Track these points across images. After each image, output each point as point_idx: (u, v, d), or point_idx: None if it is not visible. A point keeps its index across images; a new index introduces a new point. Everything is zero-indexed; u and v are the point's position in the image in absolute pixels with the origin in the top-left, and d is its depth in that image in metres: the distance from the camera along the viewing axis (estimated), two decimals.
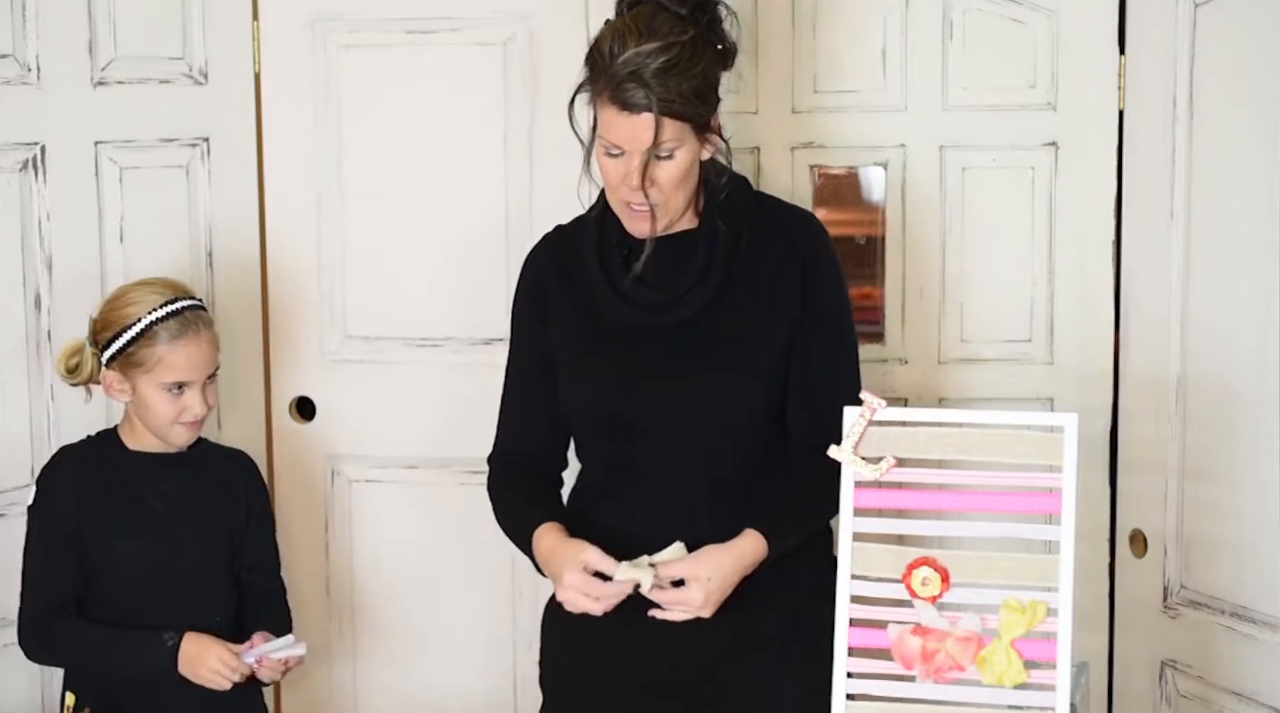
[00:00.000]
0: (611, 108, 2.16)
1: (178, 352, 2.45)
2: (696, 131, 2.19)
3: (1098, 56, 2.66)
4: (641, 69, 2.13)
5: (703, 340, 2.25)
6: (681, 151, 2.18)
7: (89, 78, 2.75)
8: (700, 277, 2.25)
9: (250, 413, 2.97)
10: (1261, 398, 2.41)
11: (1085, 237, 2.70)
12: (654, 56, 2.13)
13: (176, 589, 2.50)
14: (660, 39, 2.14)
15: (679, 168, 2.19)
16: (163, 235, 2.85)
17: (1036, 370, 2.74)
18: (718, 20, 2.25)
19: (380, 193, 2.92)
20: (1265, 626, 2.43)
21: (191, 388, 2.48)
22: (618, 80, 2.14)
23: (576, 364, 2.31)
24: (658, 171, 2.18)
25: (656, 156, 2.17)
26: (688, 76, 2.15)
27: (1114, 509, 2.70)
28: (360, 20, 2.88)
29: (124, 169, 2.79)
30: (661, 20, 2.17)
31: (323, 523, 3.00)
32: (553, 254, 2.37)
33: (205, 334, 2.50)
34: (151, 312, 2.45)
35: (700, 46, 2.18)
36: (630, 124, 2.15)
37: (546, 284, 2.35)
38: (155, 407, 2.48)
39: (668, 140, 2.16)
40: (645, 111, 2.14)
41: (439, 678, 2.99)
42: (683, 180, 2.21)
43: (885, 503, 2.02)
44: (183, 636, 2.43)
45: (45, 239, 2.71)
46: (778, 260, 2.28)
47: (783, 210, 2.36)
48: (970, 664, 1.96)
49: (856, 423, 1.99)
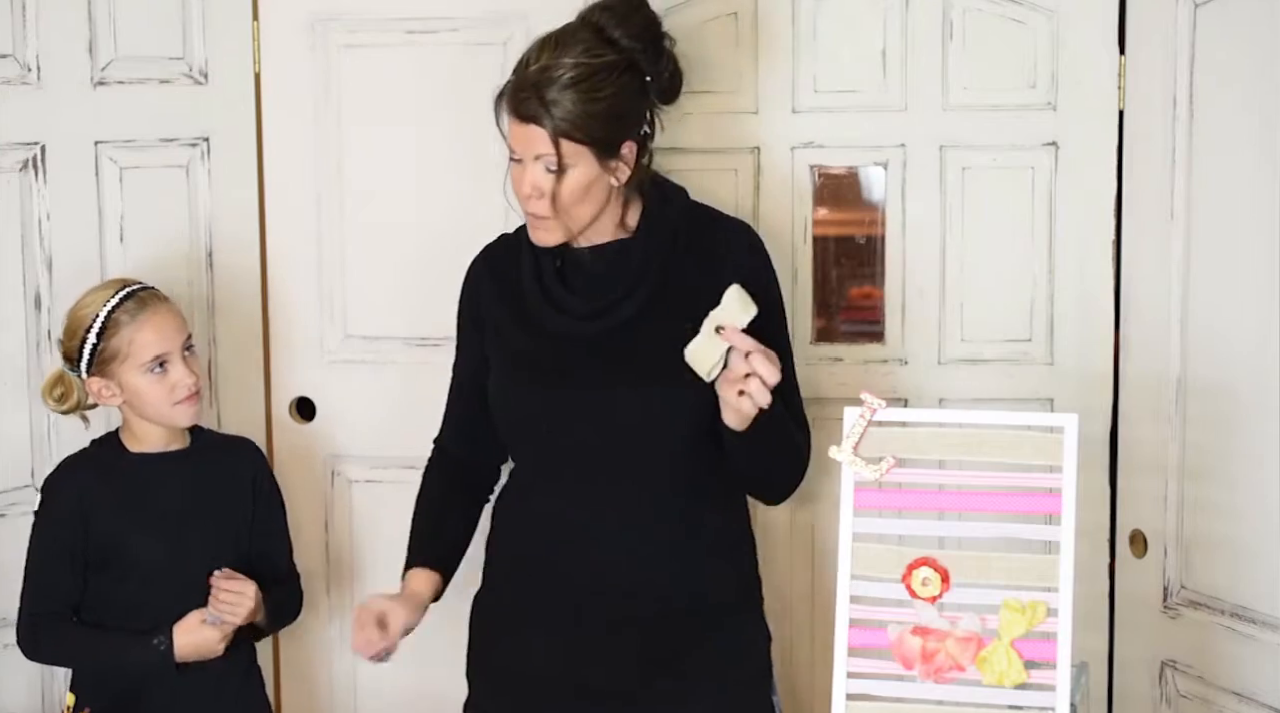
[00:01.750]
0: (510, 113, 2.20)
1: (145, 328, 2.47)
2: (597, 155, 2.19)
3: (1098, 56, 2.66)
4: (542, 82, 2.15)
5: (631, 349, 2.25)
6: (574, 171, 2.18)
7: (89, 78, 2.75)
8: (630, 287, 2.26)
9: (250, 413, 2.97)
10: (1261, 398, 2.41)
11: (1085, 237, 2.70)
12: (558, 72, 2.15)
13: (190, 586, 2.50)
14: (572, 56, 2.16)
15: (572, 184, 2.19)
16: (163, 235, 2.85)
17: (1036, 370, 2.74)
18: (660, 54, 2.26)
19: (380, 193, 2.92)
20: (1265, 626, 2.43)
21: (172, 361, 2.48)
22: (519, 88, 2.18)
23: (504, 368, 2.35)
24: (546, 184, 2.19)
25: (548, 169, 2.18)
26: (590, 99, 2.15)
27: (1114, 509, 2.70)
28: (360, 20, 2.88)
29: (124, 169, 2.79)
30: (583, 38, 2.19)
31: (323, 523, 3.00)
32: (490, 264, 2.41)
33: (165, 306, 2.51)
34: (105, 304, 2.47)
35: (616, 72, 2.18)
36: (522, 132, 2.18)
37: (480, 292, 2.40)
38: (147, 393, 2.48)
39: (558, 156, 2.16)
40: (533, 124, 2.16)
41: (439, 678, 2.98)
42: (579, 198, 2.21)
43: (885, 503, 2.02)
44: (171, 635, 2.44)
45: (45, 239, 2.71)
46: (709, 269, 2.28)
47: (721, 222, 2.38)
48: (970, 664, 1.96)
49: (856, 423, 1.99)
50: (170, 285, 2.85)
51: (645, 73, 2.23)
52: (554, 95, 2.15)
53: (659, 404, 2.24)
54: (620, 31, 2.21)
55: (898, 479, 1.99)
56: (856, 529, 1.99)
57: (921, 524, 2.04)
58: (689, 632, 2.29)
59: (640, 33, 2.23)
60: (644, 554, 2.27)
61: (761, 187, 2.79)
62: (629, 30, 2.21)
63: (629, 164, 2.24)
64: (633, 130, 2.23)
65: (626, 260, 2.28)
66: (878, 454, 1.99)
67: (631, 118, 2.23)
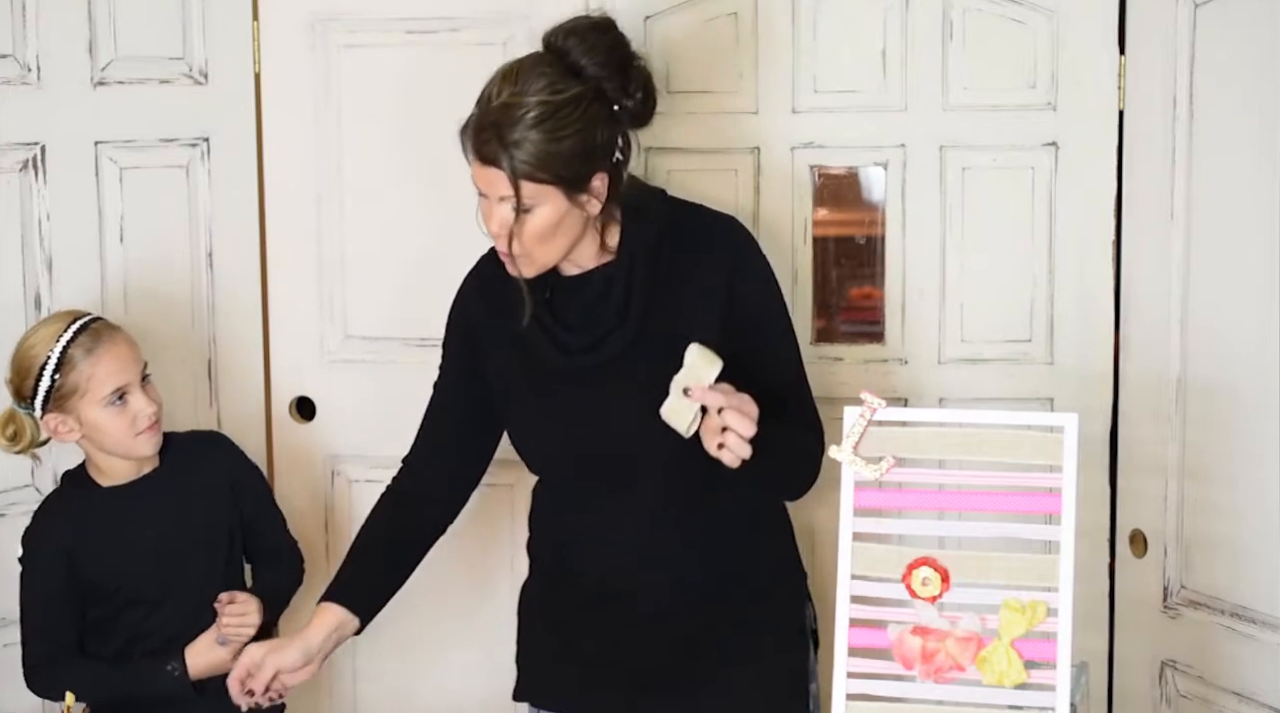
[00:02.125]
0: (472, 153, 2.11)
1: (102, 362, 2.41)
2: (565, 192, 2.10)
3: (1098, 56, 2.66)
4: (503, 122, 2.06)
5: (635, 367, 2.20)
6: (542, 210, 2.10)
7: (89, 78, 2.75)
8: (621, 316, 2.20)
9: (250, 413, 2.97)
10: (1261, 398, 2.41)
11: (1085, 237, 2.70)
12: (520, 111, 2.05)
13: (191, 605, 2.49)
14: (533, 94, 2.06)
15: (537, 225, 2.11)
16: (163, 235, 2.85)
17: (1036, 370, 2.74)
18: (629, 78, 2.14)
19: (380, 193, 2.92)
20: (1265, 626, 2.43)
21: (132, 391, 2.44)
22: (480, 128, 2.09)
23: (515, 400, 2.31)
24: (517, 224, 2.11)
25: (514, 208, 2.09)
26: (553, 138, 2.05)
27: (1114, 509, 2.70)
28: (360, 20, 2.88)
29: (124, 169, 2.79)
30: (545, 72, 2.08)
31: (323, 523, 3.00)
32: (482, 282, 2.34)
33: (119, 336, 2.45)
34: (57, 340, 2.40)
35: (582, 105, 2.08)
36: (485, 174, 2.10)
37: (472, 313, 2.35)
38: (107, 427, 2.43)
39: (525, 197, 2.08)
40: (494, 166, 2.08)
41: (439, 678, 2.99)
42: (548, 236, 2.13)
43: (885, 503, 2.02)
44: (184, 659, 2.44)
45: (45, 239, 2.71)
46: (702, 276, 2.22)
47: (704, 220, 2.29)
48: (970, 664, 1.96)
49: (856, 423, 1.99)
50: (170, 285, 2.86)
51: (614, 101, 2.13)
52: (516, 136, 2.06)
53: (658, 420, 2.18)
54: (587, 59, 2.10)
55: (898, 479, 1.99)
56: (856, 529, 1.99)
57: (921, 524, 2.04)
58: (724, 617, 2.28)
59: (607, 59, 2.12)
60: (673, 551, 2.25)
61: (761, 187, 2.79)
62: (595, 57, 2.11)
63: (600, 196, 2.15)
64: (602, 162, 2.13)
65: (612, 287, 2.22)
66: (878, 454, 1.99)
67: (600, 151, 2.12)
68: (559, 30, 2.14)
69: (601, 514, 2.27)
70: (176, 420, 2.86)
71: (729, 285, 2.23)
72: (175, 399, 2.87)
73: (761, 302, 2.27)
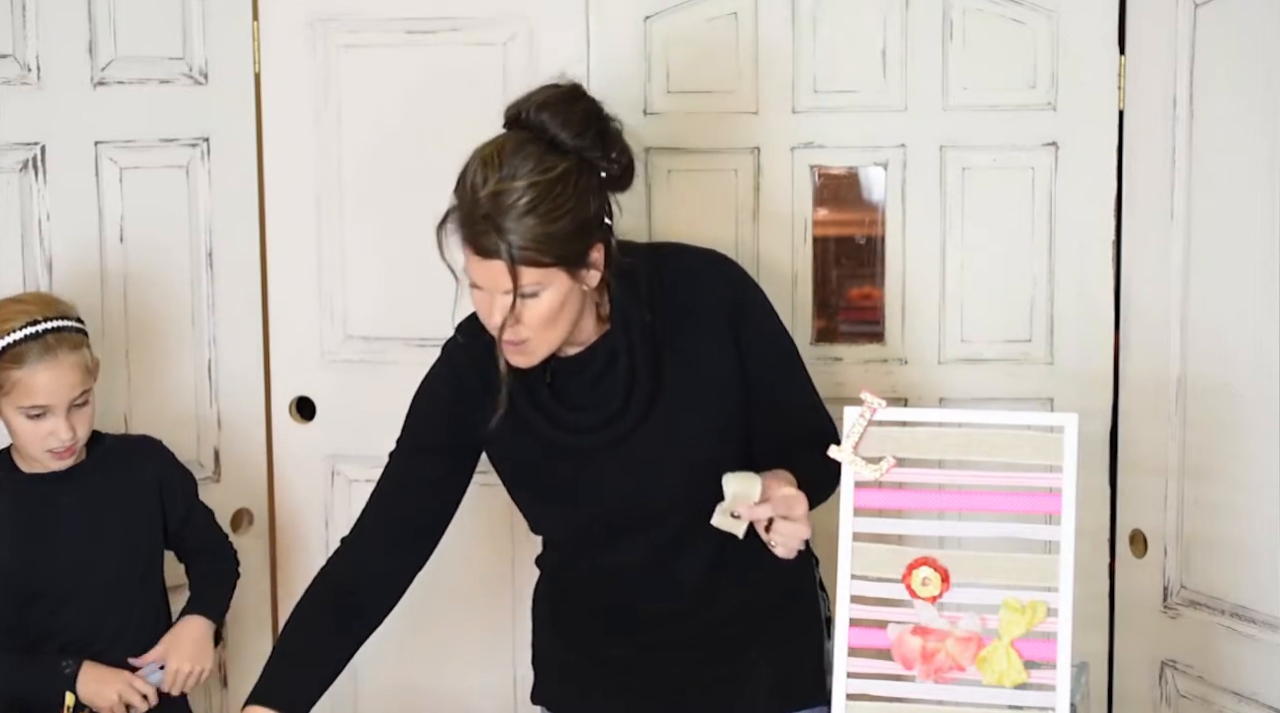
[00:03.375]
0: (465, 245, 2.00)
1: (37, 376, 2.34)
2: (567, 271, 2.02)
3: (1098, 56, 2.67)
4: (495, 212, 1.96)
5: (648, 446, 2.13)
6: (548, 292, 2.01)
7: (89, 78, 2.74)
8: (627, 393, 2.12)
9: (250, 413, 2.97)
10: (1261, 398, 2.41)
11: (1085, 237, 2.70)
12: (512, 197, 1.96)
13: (96, 603, 2.45)
14: (523, 177, 1.97)
15: (545, 309, 2.02)
16: (163, 235, 2.85)
17: (1036, 370, 2.74)
18: (610, 143, 2.05)
19: (380, 193, 2.92)
20: (1265, 626, 2.43)
21: (53, 414, 2.36)
22: (473, 221, 1.98)
23: (523, 484, 2.23)
24: (523, 310, 2.01)
25: (521, 295, 1.99)
26: (550, 219, 1.97)
27: (1114, 509, 2.70)
28: (360, 20, 2.88)
29: (124, 169, 2.79)
30: (529, 152, 1.99)
31: (323, 523, 3.00)
32: (474, 365, 2.18)
33: (69, 358, 2.37)
34: (12, 333, 2.34)
35: (573, 179, 2.00)
36: (485, 268, 1.99)
37: (469, 387, 2.19)
38: (18, 432, 2.39)
39: (528, 284, 1.99)
40: (494, 258, 1.97)
41: (439, 679, 2.99)
42: (552, 320, 2.04)
43: (885, 503, 2.02)
44: (80, 664, 2.40)
45: (45, 239, 2.71)
46: (703, 326, 2.15)
47: (691, 265, 2.20)
48: (970, 664, 1.96)
49: (856, 423, 1.99)
50: (170, 285, 2.86)
51: (599, 168, 2.05)
52: (512, 224, 1.96)
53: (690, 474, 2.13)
54: (565, 132, 2.01)
55: (898, 479, 1.99)
56: (856, 529, 1.99)
57: (921, 524, 2.04)
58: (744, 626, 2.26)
59: (584, 127, 2.03)
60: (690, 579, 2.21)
61: (761, 187, 2.79)
62: (573, 129, 2.02)
63: (599, 266, 2.07)
64: (598, 232, 2.05)
65: (613, 361, 2.13)
66: (878, 454, 1.99)
67: (594, 221, 2.04)
68: (529, 105, 2.05)
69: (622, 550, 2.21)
70: (176, 420, 2.87)
71: (731, 325, 2.17)
72: (175, 399, 2.88)
73: (767, 337, 2.22)
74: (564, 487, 2.18)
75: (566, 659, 2.34)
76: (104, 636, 2.47)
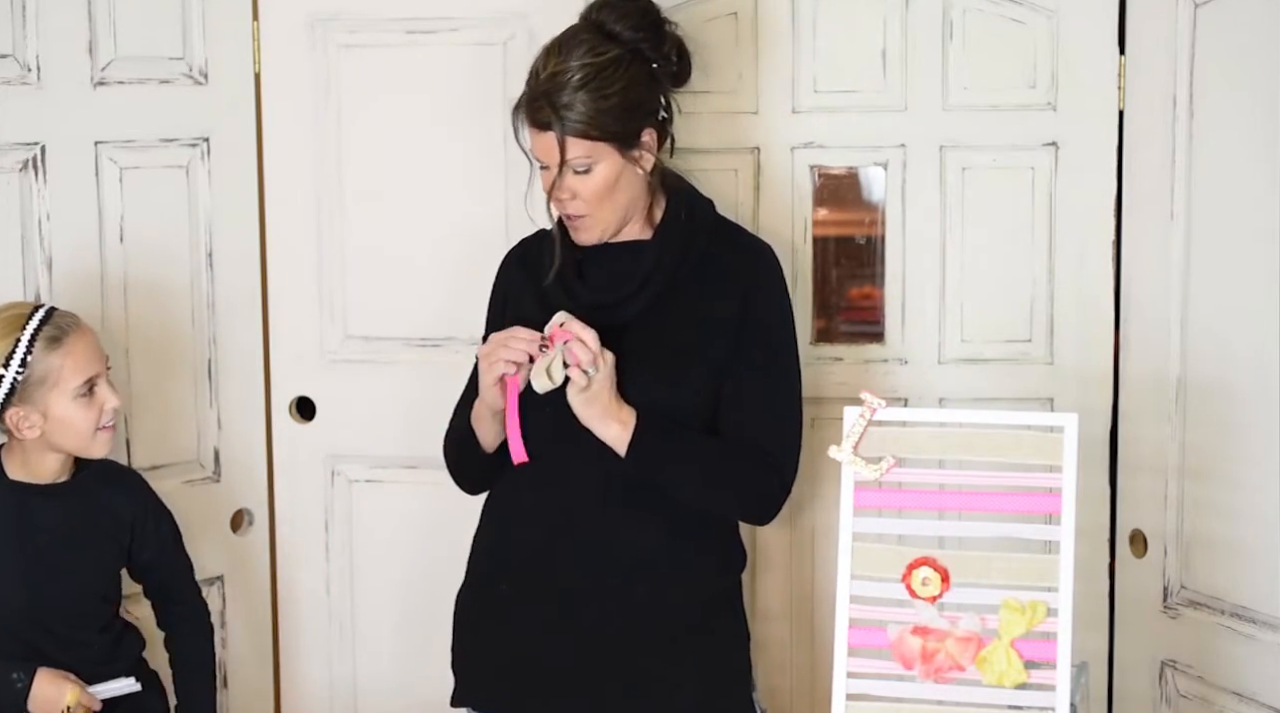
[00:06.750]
0: (529, 124, 2.26)
1: (72, 352, 2.35)
2: (619, 148, 2.25)
3: (1098, 56, 2.67)
4: (553, 89, 2.22)
5: (637, 345, 2.25)
6: (600, 167, 2.24)
7: (89, 78, 2.74)
8: (642, 284, 2.29)
9: (250, 413, 2.97)
10: (1261, 398, 2.41)
11: (1085, 237, 2.70)
12: (566, 76, 2.21)
13: (52, 621, 2.42)
14: (576, 59, 2.22)
15: (597, 182, 2.25)
16: (163, 235, 2.85)
17: (1036, 370, 2.74)
18: (662, 39, 2.31)
19: (380, 193, 2.92)
20: (1265, 626, 2.43)
21: (100, 381, 2.38)
22: (532, 98, 2.24)
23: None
24: (577, 185, 2.25)
25: (575, 170, 2.24)
26: (600, 96, 2.21)
27: (1114, 509, 2.70)
28: (360, 20, 2.88)
29: (124, 169, 2.79)
30: (584, 39, 2.25)
31: (323, 523, 3.00)
32: (524, 253, 2.45)
33: (84, 326, 2.40)
34: (18, 337, 2.33)
35: (623, 65, 2.24)
36: (542, 140, 2.25)
37: (511, 286, 2.43)
38: (74, 420, 2.37)
39: (580, 157, 2.23)
40: (549, 130, 2.22)
41: (439, 679, 2.98)
42: (606, 195, 2.27)
43: (885, 503, 2.02)
44: (34, 676, 2.35)
45: (45, 239, 2.70)
46: (722, 285, 2.30)
47: (741, 239, 2.40)
48: (970, 664, 1.96)
49: (856, 423, 1.99)
50: (170, 285, 2.86)
51: (651, 60, 2.29)
52: (566, 99, 2.21)
53: (659, 396, 2.23)
54: (621, 25, 2.27)
55: (898, 479, 2.00)
56: (856, 529, 1.99)
57: (921, 524, 2.04)
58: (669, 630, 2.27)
59: (640, 22, 2.28)
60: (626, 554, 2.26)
61: (761, 187, 2.79)
62: (629, 22, 2.27)
63: (652, 150, 2.29)
64: (649, 117, 2.29)
65: (638, 264, 2.30)
66: (878, 454, 1.99)
67: (646, 106, 2.28)
68: (592, 6, 2.30)
69: (541, 502, 2.29)
70: (176, 421, 2.87)
71: (744, 300, 2.28)
72: (175, 399, 2.88)
73: (764, 332, 2.29)
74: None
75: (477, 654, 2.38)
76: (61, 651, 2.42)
